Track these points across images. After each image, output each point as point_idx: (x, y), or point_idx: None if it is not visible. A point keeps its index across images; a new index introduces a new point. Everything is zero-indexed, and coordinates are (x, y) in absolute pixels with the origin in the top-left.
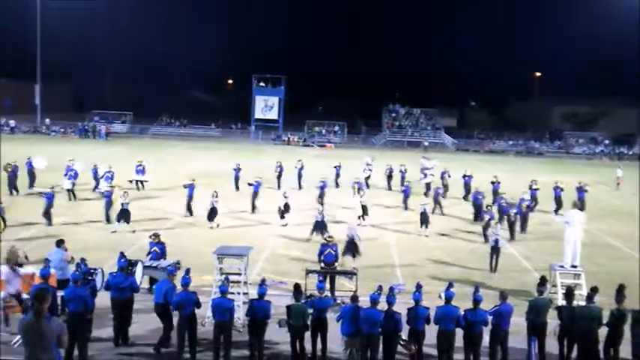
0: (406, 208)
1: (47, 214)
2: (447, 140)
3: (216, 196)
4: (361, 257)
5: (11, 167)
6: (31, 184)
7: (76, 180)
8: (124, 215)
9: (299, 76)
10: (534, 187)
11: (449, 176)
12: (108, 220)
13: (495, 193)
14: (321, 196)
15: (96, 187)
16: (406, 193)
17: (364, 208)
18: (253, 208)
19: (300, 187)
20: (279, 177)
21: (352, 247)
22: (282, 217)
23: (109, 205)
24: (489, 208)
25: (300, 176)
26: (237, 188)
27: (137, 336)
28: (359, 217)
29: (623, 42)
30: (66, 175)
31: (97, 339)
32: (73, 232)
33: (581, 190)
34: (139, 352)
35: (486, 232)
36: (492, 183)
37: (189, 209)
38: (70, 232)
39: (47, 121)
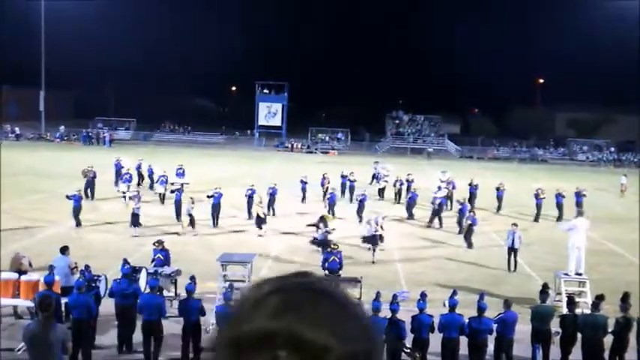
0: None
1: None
2: (451, 147)
3: (193, 203)
4: (365, 265)
5: (91, 172)
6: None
7: (131, 183)
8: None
9: (302, 82)
10: (541, 195)
11: (453, 187)
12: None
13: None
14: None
15: (151, 186)
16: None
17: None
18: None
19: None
20: (325, 190)
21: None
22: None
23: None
24: (472, 213)
25: (347, 189)
26: (304, 199)
27: (141, 343)
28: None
29: (627, 49)
30: (121, 178)
31: (101, 346)
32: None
33: (579, 195)
34: (142, 359)
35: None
36: (469, 185)
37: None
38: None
39: (62, 128)
